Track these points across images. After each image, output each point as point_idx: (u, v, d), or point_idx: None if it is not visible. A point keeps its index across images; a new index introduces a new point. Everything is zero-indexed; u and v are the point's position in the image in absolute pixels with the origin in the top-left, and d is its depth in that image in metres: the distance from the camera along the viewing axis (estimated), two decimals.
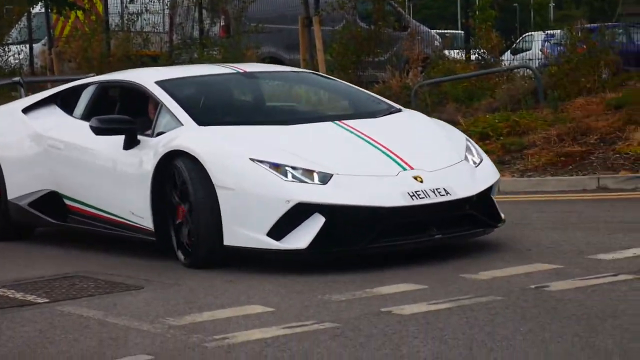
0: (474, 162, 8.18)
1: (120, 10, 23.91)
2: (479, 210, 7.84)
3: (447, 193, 7.50)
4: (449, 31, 29.95)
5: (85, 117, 8.95)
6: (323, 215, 7.25)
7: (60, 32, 24.52)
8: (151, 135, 8.16)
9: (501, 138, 13.82)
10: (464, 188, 7.67)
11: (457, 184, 7.67)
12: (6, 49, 26.65)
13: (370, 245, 7.45)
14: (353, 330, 6.35)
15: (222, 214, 7.42)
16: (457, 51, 21.87)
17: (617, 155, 12.54)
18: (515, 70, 18.44)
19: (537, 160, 12.67)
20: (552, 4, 52.65)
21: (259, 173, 7.46)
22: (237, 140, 7.96)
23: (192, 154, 7.51)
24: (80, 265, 8.80)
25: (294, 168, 7.45)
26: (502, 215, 8.16)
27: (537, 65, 18.42)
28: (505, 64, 19.64)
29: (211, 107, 8.78)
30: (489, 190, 7.98)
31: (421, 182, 7.51)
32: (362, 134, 8.12)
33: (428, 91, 16.50)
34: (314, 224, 7.24)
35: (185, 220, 7.63)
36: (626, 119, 13.16)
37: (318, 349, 6.00)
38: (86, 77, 17.55)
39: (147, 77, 9.07)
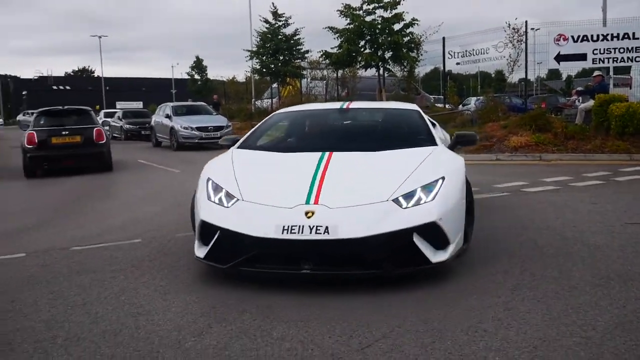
0: (403, 207, 3.62)
1: (306, 85, 24.45)
2: (370, 251, 3.47)
3: (326, 232, 3.44)
4: (436, 96, 29.10)
5: None
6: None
7: (284, 93, 25.08)
8: None
9: None
10: (354, 229, 3.45)
11: (349, 223, 3.49)
12: (262, 101, 27.40)
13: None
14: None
15: None
16: (440, 104, 21.42)
17: (504, 146, 12.20)
18: (464, 111, 18.03)
19: (472, 148, 12.37)
20: (479, 86, 51.09)
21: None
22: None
23: None
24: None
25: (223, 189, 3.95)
26: (431, 259, 3.56)
27: (473, 109, 17.98)
28: (460, 108, 19.26)
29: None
30: (401, 232, 3.50)
31: (310, 217, 3.53)
32: (324, 167, 4.06)
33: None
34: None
35: None
36: (508, 131, 12.90)
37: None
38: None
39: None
